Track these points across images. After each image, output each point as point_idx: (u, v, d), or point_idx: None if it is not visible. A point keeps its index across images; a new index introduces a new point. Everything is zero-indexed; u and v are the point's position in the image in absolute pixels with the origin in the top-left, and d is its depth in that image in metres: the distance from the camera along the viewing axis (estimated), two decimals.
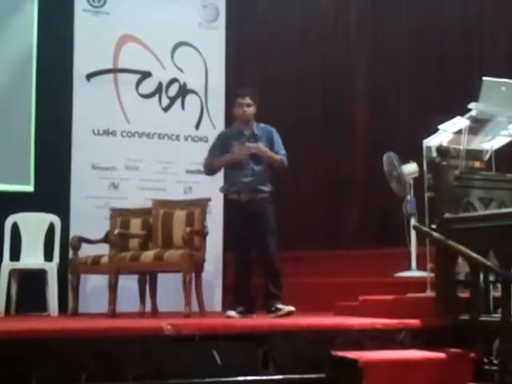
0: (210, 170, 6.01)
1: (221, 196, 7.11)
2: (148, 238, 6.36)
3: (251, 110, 5.81)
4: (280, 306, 5.59)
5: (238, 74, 7.75)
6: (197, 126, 7.39)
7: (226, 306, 6.78)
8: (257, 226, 5.69)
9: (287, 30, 8.19)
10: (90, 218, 6.79)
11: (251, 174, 5.74)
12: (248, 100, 5.79)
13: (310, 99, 8.23)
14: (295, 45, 8.17)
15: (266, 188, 5.80)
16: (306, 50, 8.13)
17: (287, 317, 5.44)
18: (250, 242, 5.71)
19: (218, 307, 7.04)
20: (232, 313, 5.53)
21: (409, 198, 6.17)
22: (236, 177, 5.76)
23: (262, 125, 5.93)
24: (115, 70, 7.18)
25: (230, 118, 7.37)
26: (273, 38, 8.19)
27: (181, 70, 7.38)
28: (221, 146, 5.91)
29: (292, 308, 5.54)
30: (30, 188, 7.15)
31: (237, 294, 5.71)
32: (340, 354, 4.41)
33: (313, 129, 8.22)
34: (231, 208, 5.90)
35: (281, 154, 5.84)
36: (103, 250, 6.37)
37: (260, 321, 5.16)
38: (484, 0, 7.85)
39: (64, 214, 6.81)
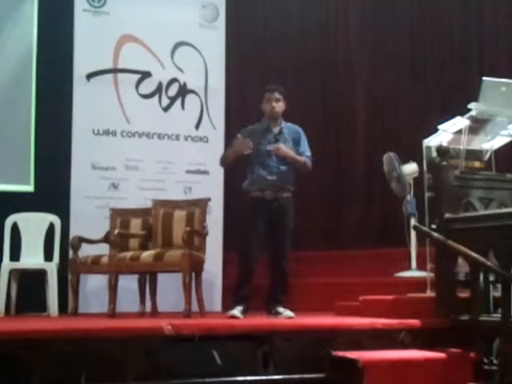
0: (224, 163, 5.97)
1: (221, 196, 7.14)
2: (148, 238, 6.35)
3: (280, 106, 5.76)
4: (280, 309, 5.57)
5: (238, 73, 7.76)
6: (197, 126, 7.38)
7: (227, 305, 6.80)
8: (277, 226, 5.66)
9: (287, 29, 8.19)
10: (89, 217, 6.78)
11: (276, 172, 5.68)
12: (277, 95, 5.74)
13: (309, 99, 8.23)
14: (295, 44, 8.16)
15: (291, 188, 5.77)
16: (305, 50, 8.13)
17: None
18: (264, 241, 5.67)
19: (218, 307, 7.03)
20: (236, 312, 5.47)
21: (409, 198, 6.17)
22: (261, 174, 5.69)
23: (290, 124, 5.88)
24: (115, 70, 7.18)
25: (230, 117, 7.41)
26: (273, 38, 8.20)
27: (181, 70, 7.37)
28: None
29: (291, 314, 5.51)
30: (29, 188, 7.15)
31: (240, 292, 5.65)
32: (340, 354, 4.41)
33: (313, 129, 8.18)
34: (252, 205, 5.72)
35: (305, 156, 5.79)
36: (103, 249, 6.37)
37: (260, 321, 5.16)
38: (484, 0, 7.85)
39: (64, 213, 6.81)
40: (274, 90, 5.75)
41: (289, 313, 5.52)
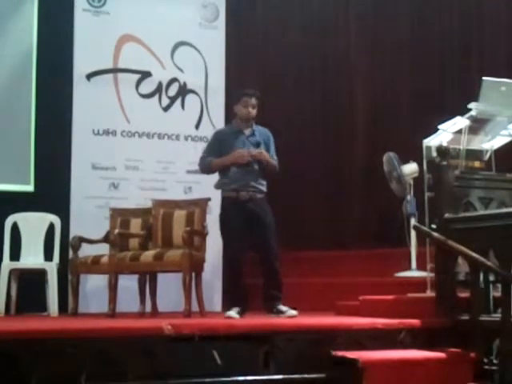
0: (208, 170, 5.96)
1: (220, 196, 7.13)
2: (148, 237, 6.35)
3: (255, 112, 5.83)
4: (282, 308, 5.57)
5: (238, 73, 7.75)
6: (197, 126, 7.39)
7: (227, 306, 6.80)
8: (258, 226, 5.68)
9: (287, 29, 8.19)
10: (90, 217, 6.79)
11: (252, 173, 5.74)
12: (254, 101, 5.81)
13: (309, 99, 8.23)
14: (295, 44, 8.16)
15: (264, 188, 5.81)
16: (305, 50, 8.13)
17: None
18: (246, 242, 5.70)
19: (218, 307, 7.03)
20: (232, 313, 5.50)
21: (409, 198, 6.16)
22: (235, 174, 5.73)
23: (261, 127, 5.95)
24: (115, 70, 7.18)
25: (229, 117, 7.40)
26: (273, 38, 8.20)
27: (181, 70, 7.38)
28: (219, 144, 5.89)
29: (295, 312, 5.52)
30: (30, 188, 7.15)
31: (234, 293, 5.69)
32: (340, 353, 4.41)
33: (312, 129, 8.22)
34: (227, 206, 5.79)
35: (274, 160, 5.88)
36: (103, 249, 6.37)
37: (260, 321, 5.15)
38: (484, 0, 7.85)
39: (64, 213, 6.81)
40: (252, 96, 5.81)
41: (292, 312, 5.52)
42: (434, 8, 7.96)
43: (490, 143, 5.57)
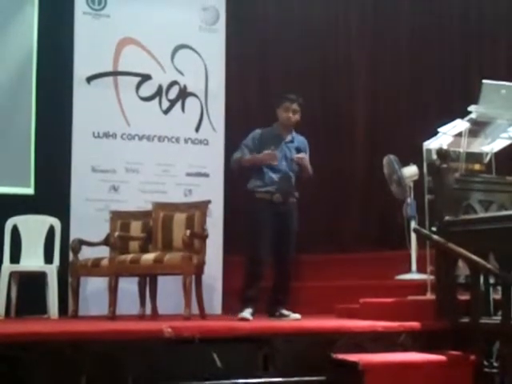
0: (238, 165, 5.90)
1: (221, 198, 7.14)
2: (148, 240, 6.36)
3: (296, 118, 5.84)
4: (285, 312, 5.59)
5: (238, 76, 7.76)
6: (197, 129, 7.39)
7: (228, 308, 6.80)
8: (284, 230, 5.71)
9: (287, 32, 8.19)
10: (90, 220, 6.79)
11: (286, 177, 5.75)
12: (295, 106, 5.82)
13: (310, 101, 8.19)
14: (295, 47, 8.16)
15: (296, 193, 5.85)
16: (306, 53, 8.13)
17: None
18: (271, 245, 5.68)
19: (218, 310, 7.04)
20: (246, 314, 5.45)
21: (409, 200, 6.17)
22: (271, 177, 5.73)
23: (299, 135, 5.98)
24: (115, 73, 7.19)
25: (230, 121, 7.41)
26: (273, 41, 8.20)
27: (181, 73, 7.38)
28: (258, 142, 5.83)
29: (298, 316, 5.52)
30: (30, 190, 7.16)
31: (249, 294, 5.63)
32: (340, 356, 4.41)
33: (313, 131, 8.18)
34: (259, 207, 5.72)
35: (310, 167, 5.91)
36: (103, 252, 6.38)
37: (260, 323, 5.15)
38: (484, 1, 7.86)
39: (64, 216, 6.81)
40: (294, 101, 5.83)
41: (295, 315, 5.53)
42: (434, 8, 7.96)
43: (490, 146, 5.57)
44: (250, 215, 5.80)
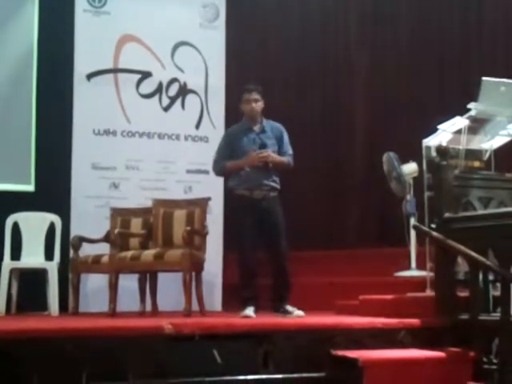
0: (222, 173, 6.00)
1: (221, 195, 7.14)
2: (148, 237, 6.37)
3: (259, 106, 5.82)
4: (289, 308, 5.58)
5: (238, 73, 7.75)
6: (197, 126, 7.40)
7: (228, 305, 6.82)
8: (269, 226, 5.68)
9: (287, 29, 8.19)
10: (90, 217, 6.80)
11: (264, 171, 5.71)
12: (255, 95, 5.80)
13: (309, 99, 8.24)
14: (295, 44, 8.17)
15: (277, 185, 5.80)
16: (306, 50, 8.14)
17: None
18: (258, 241, 5.69)
19: (219, 306, 7.05)
20: (249, 312, 5.45)
21: (408, 197, 6.17)
22: (248, 174, 5.71)
23: (272, 122, 5.92)
24: (115, 70, 7.19)
25: (230, 118, 7.41)
26: (273, 38, 8.20)
27: (181, 70, 7.38)
28: (230, 143, 5.88)
29: (301, 313, 5.52)
30: (30, 187, 7.17)
31: (247, 293, 5.64)
32: (340, 353, 4.42)
33: (313, 129, 8.23)
34: (240, 205, 5.74)
35: (287, 155, 5.86)
36: (104, 249, 6.39)
37: (260, 320, 5.17)
38: (484, 0, 7.85)
39: (64, 213, 6.82)
40: (252, 90, 5.81)
41: (299, 312, 5.53)
42: (434, 8, 7.96)
43: (489, 143, 5.58)
44: (232, 214, 5.81)
